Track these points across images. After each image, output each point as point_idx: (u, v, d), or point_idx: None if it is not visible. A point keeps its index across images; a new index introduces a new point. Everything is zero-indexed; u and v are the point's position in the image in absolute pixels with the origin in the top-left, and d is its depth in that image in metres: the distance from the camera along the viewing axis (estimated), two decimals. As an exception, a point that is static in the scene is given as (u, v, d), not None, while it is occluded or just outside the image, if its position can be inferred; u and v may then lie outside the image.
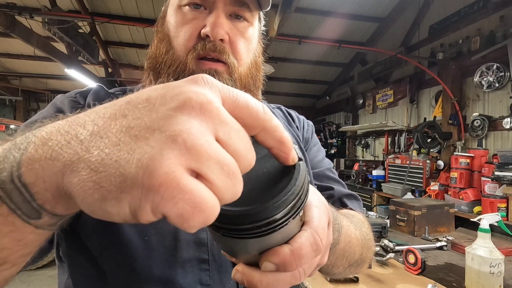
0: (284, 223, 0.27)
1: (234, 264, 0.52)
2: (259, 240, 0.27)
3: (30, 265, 0.33)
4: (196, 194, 0.19)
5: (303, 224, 0.32)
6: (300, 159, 0.29)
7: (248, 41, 0.58)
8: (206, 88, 0.23)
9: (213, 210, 0.20)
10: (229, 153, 0.22)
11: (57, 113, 0.54)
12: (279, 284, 0.29)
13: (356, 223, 0.58)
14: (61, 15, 3.66)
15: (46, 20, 3.63)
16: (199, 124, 0.21)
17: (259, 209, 0.25)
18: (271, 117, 0.25)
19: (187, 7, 0.55)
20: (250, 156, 0.23)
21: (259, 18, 0.64)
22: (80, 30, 4.35)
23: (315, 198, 0.34)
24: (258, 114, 0.24)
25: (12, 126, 5.96)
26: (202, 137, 0.20)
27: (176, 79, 0.59)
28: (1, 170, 0.21)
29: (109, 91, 0.64)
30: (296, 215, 0.28)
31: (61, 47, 4.51)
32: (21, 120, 7.13)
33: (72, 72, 4.81)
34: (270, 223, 0.26)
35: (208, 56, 0.54)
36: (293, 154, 0.27)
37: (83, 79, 5.32)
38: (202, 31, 0.53)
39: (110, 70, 6.17)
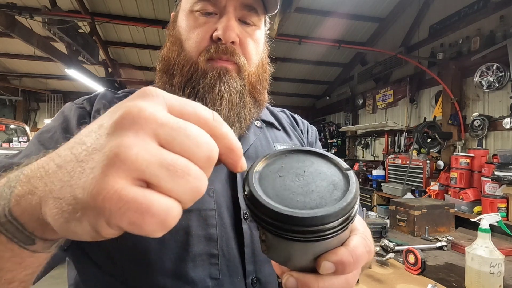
0: (346, 227, 0.28)
1: (243, 261, 0.53)
2: (320, 243, 0.28)
3: (44, 275, 0.36)
4: (140, 201, 0.20)
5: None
6: (348, 169, 0.30)
7: (256, 43, 0.61)
8: (146, 99, 0.23)
9: (167, 212, 0.21)
10: (177, 152, 0.22)
11: (64, 122, 0.55)
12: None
13: None
14: (61, 15, 3.66)
15: (46, 20, 3.63)
16: (135, 134, 0.21)
17: (330, 212, 0.26)
18: (221, 124, 0.25)
19: (198, 12, 0.57)
20: (205, 148, 0.23)
21: (265, 22, 0.66)
22: (80, 30, 4.35)
23: None
24: (207, 120, 0.25)
25: (12, 126, 5.97)
26: (136, 146, 0.21)
27: (189, 79, 0.58)
28: None
29: (117, 92, 0.65)
30: (354, 219, 0.29)
31: (61, 47, 4.51)
32: (21, 120, 7.13)
33: (72, 72, 4.81)
34: (337, 226, 0.27)
35: (220, 58, 0.56)
36: (242, 162, 0.27)
37: (83, 79, 5.32)
38: (214, 34, 0.55)
39: (110, 70, 6.16)
